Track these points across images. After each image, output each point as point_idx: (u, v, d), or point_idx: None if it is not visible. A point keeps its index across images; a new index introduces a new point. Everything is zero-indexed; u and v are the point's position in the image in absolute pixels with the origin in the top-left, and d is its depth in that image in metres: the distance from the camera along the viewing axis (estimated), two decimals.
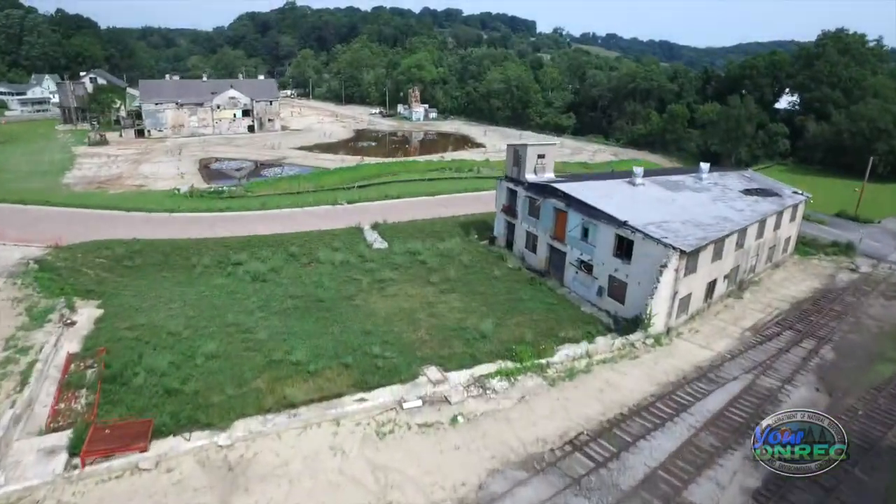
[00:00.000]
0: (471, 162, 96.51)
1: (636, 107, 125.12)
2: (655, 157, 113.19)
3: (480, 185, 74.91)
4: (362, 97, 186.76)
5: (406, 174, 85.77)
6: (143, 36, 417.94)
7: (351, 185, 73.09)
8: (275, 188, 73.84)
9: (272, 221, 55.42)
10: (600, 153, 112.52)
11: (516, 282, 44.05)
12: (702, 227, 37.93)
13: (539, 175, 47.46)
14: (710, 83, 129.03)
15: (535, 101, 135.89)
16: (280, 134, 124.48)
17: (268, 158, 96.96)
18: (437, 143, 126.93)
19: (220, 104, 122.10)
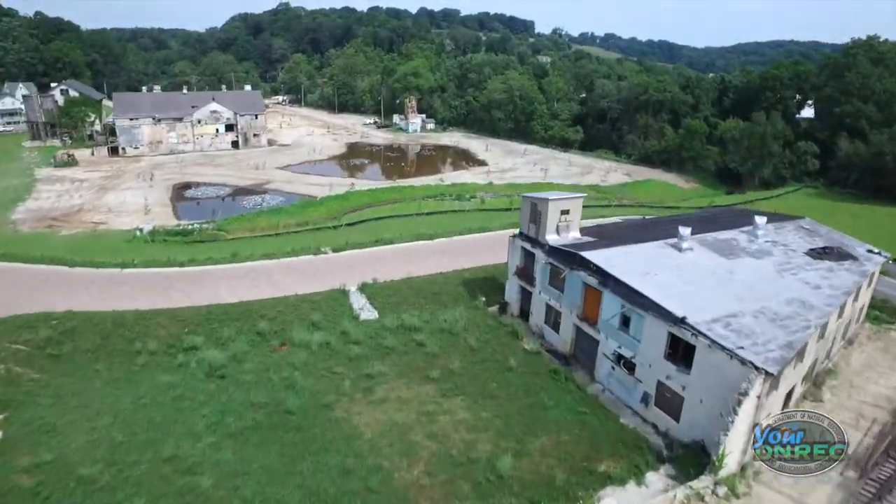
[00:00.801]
0: (472, 186, 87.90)
1: (648, 120, 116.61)
2: (671, 177, 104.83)
3: (485, 221, 66.39)
4: (356, 105, 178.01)
5: (401, 203, 77.23)
6: (134, 37, 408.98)
7: (338, 222, 64.35)
8: (252, 226, 65.22)
9: (241, 281, 46.66)
10: (612, 173, 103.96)
11: (535, 374, 35.45)
12: (780, 323, 29.36)
13: (563, 235, 38.85)
14: (726, 94, 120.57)
15: (540, 113, 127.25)
16: (266, 151, 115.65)
17: (250, 183, 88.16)
18: (435, 159, 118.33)
19: (202, 119, 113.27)
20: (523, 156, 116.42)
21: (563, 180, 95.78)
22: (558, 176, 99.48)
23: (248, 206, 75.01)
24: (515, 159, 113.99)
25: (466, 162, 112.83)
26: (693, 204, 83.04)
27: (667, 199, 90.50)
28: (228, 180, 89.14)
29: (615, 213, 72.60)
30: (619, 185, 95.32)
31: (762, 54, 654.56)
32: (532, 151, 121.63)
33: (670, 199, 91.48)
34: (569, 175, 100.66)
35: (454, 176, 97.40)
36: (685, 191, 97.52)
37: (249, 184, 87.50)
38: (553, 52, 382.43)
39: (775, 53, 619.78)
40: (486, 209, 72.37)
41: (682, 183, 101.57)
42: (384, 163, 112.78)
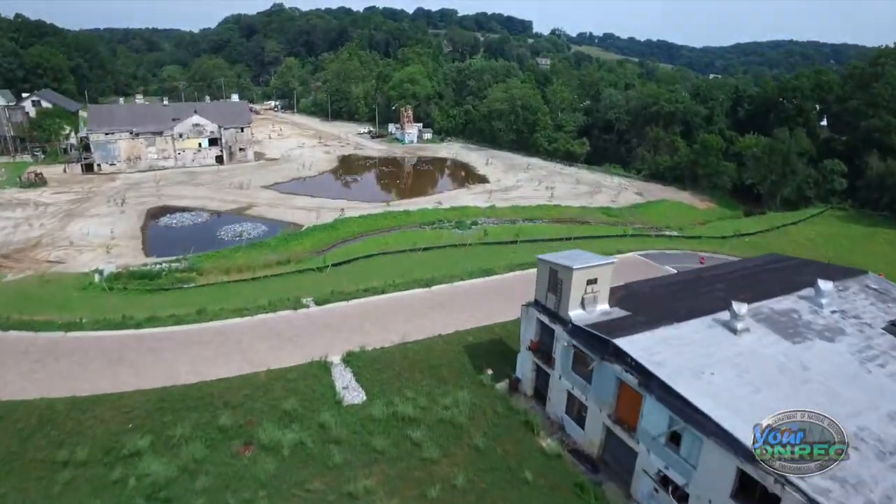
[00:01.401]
0: (473, 210, 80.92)
1: (659, 132, 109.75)
2: (685, 195, 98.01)
3: (488, 258, 59.48)
4: (350, 112, 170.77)
5: (395, 232, 70.30)
6: (125, 39, 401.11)
7: (324, 261, 57.23)
8: (228, 264, 58.26)
9: (205, 349, 39.63)
10: (623, 192, 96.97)
11: (556, 489, 28.61)
12: (887, 460, 22.45)
13: (589, 309, 31.91)
14: (740, 104, 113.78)
15: (544, 124, 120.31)
16: (252, 166, 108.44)
17: (231, 207, 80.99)
18: (433, 175, 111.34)
19: (183, 133, 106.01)
20: (526, 171, 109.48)
21: (572, 201, 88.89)
22: (566, 195, 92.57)
23: (227, 238, 67.82)
24: (518, 175, 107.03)
25: (466, 178, 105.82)
26: (715, 231, 76.24)
27: (684, 222, 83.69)
28: (208, 204, 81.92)
29: (633, 246, 65.77)
30: (630, 206, 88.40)
31: (762, 54, 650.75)
32: (535, 166, 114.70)
33: (687, 221, 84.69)
34: (577, 194, 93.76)
35: (453, 196, 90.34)
36: (701, 211, 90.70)
37: (231, 208, 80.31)
38: (553, 53, 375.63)
39: (775, 54, 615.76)
40: (488, 242, 65.33)
41: (697, 202, 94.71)
42: (378, 179, 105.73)
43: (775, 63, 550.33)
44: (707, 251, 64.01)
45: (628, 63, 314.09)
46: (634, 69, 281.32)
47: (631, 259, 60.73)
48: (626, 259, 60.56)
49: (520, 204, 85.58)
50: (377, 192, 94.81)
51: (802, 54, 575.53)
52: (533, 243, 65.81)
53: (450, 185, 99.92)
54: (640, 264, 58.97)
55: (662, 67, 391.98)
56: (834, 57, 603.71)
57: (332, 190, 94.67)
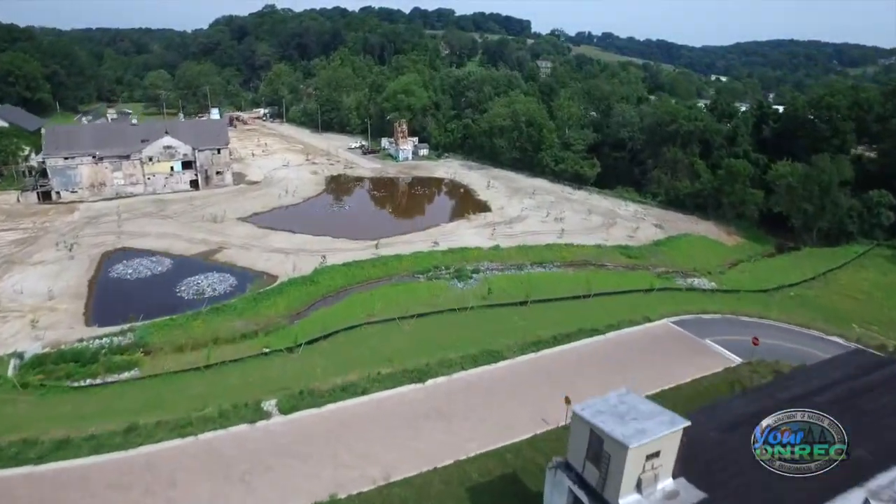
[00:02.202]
0: (475, 253, 71.02)
1: (677, 153, 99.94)
2: (709, 227, 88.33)
3: (493, 328, 49.84)
4: (342, 124, 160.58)
5: (384, 285, 60.44)
6: (113, 41, 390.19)
7: (295, 341, 47.24)
8: (183, 337, 48.59)
9: (123, 499, 29.81)
10: (641, 223, 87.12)
11: None
12: None
13: (647, 492, 22.15)
14: (765, 122, 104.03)
15: (550, 143, 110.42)
16: (230, 192, 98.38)
17: (199, 250, 70.94)
18: (429, 201, 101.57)
19: (153, 156, 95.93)
20: (532, 196, 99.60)
21: (585, 237, 79.15)
22: (577, 229, 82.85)
23: (187, 297, 57.86)
24: (523, 201, 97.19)
25: (466, 205, 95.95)
26: (752, 279, 66.62)
27: (713, 263, 73.99)
28: (173, 245, 71.84)
29: (662, 304, 56.06)
30: (651, 243, 78.58)
31: (763, 55, 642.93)
32: (542, 190, 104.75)
33: (716, 261, 74.98)
34: (590, 228, 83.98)
35: (452, 231, 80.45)
36: (730, 248, 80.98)
37: (198, 251, 70.27)
38: (553, 55, 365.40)
39: (777, 54, 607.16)
40: (493, 304, 55.43)
41: (723, 236, 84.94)
42: (368, 208, 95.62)
43: (778, 64, 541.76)
44: (752, 315, 54.27)
45: (632, 66, 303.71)
46: (638, 73, 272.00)
47: (663, 330, 51.08)
48: (657, 330, 51.03)
49: (527, 242, 75.73)
50: (366, 224, 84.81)
51: (806, 55, 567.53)
52: (545, 304, 56.03)
53: (448, 215, 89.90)
54: (676, 339, 49.29)
55: (665, 69, 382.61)
56: (837, 57, 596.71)
57: (316, 223, 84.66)
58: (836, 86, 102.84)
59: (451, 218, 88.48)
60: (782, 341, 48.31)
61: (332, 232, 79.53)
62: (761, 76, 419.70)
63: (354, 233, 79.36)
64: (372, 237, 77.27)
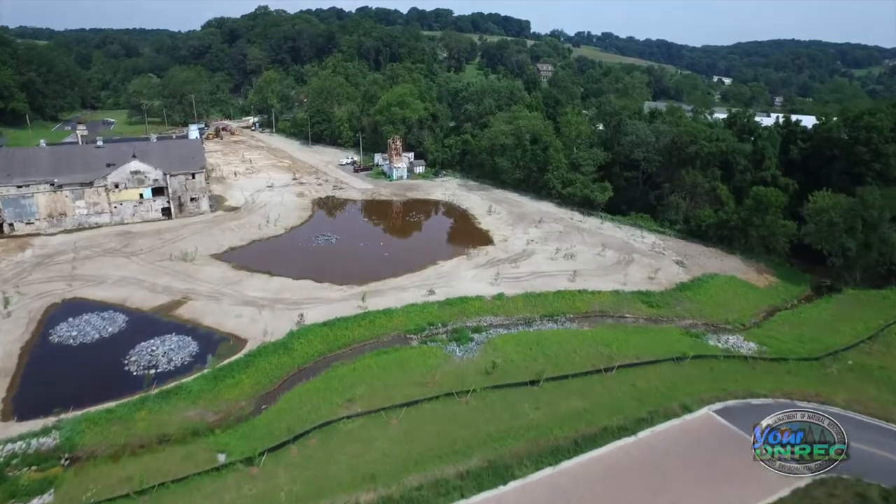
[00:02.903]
0: (476, 305, 62.00)
1: (697, 177, 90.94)
2: (736, 264, 79.33)
3: (499, 416, 40.89)
4: (333, 136, 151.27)
5: (369, 355, 51.31)
6: (103, 44, 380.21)
7: (255, 452, 38.03)
8: (120, 436, 39.77)
9: None
10: (662, 260, 78.00)
11: None
12: None
13: None
14: (793, 141, 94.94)
15: (557, 163, 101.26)
16: (206, 221, 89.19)
17: (160, 302, 61.71)
18: (424, 231, 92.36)
19: (120, 182, 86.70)
20: (538, 225, 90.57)
21: (600, 280, 70.18)
22: (591, 267, 73.91)
23: (135, 371, 48.73)
24: (529, 230, 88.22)
25: (465, 237, 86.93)
26: (795, 335, 57.55)
27: (746, 312, 65.21)
28: (131, 296, 62.59)
29: (698, 381, 47.06)
30: (675, 288, 69.54)
31: (765, 55, 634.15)
32: (548, 216, 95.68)
33: (749, 309, 66.14)
34: (605, 266, 74.97)
35: (449, 273, 71.38)
36: (763, 291, 71.97)
37: (158, 304, 61.05)
38: (553, 57, 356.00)
39: (780, 55, 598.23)
40: (499, 385, 46.27)
41: (753, 275, 75.85)
42: (357, 238, 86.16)
43: (781, 65, 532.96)
44: (811, 398, 45.22)
45: (636, 70, 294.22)
46: (643, 78, 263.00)
47: (706, 425, 42.05)
48: (698, 426, 42.09)
49: (535, 288, 66.68)
50: (354, 262, 75.75)
51: (809, 56, 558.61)
52: (561, 382, 46.99)
53: (446, 251, 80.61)
54: (724, 440, 40.15)
55: (668, 70, 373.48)
56: (840, 58, 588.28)
57: (298, 261, 75.64)
58: (880, 105, 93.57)
59: (450, 254, 79.26)
60: (859, 441, 39.19)
61: (314, 273, 70.50)
62: (766, 78, 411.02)
63: (340, 274, 70.40)
64: (359, 280, 68.45)
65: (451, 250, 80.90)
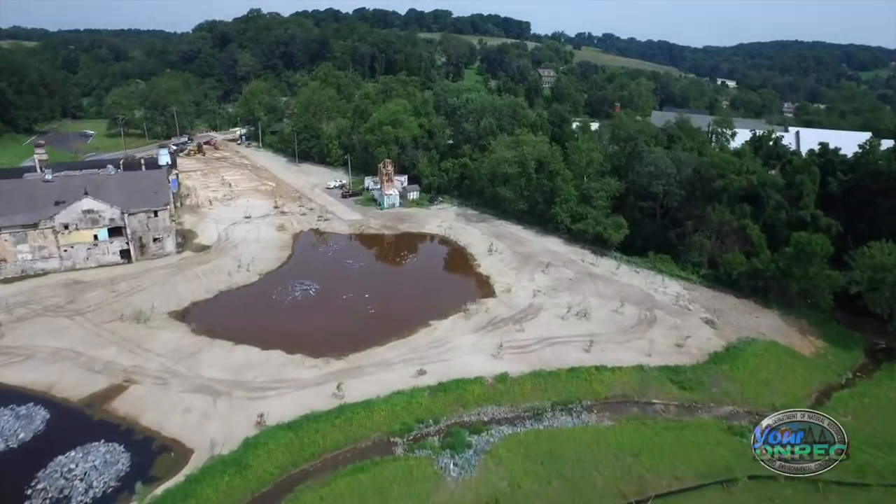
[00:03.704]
0: (475, 390, 51.81)
1: (725, 214, 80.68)
2: (772, 319, 69.18)
3: None
4: (321, 154, 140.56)
5: (343, 480, 40.94)
6: (91, 47, 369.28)
7: None
8: None
9: None
10: (689, 320, 67.61)
11: None
12: None
13: None
14: (831, 172, 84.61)
15: (566, 195, 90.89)
16: (170, 266, 78.81)
17: (95, 389, 51.38)
18: (415, 277, 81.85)
19: (70, 223, 76.28)
20: (546, 270, 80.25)
21: (621, 346, 60.15)
22: (608, 331, 63.78)
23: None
24: (535, 277, 78.00)
25: (462, 286, 76.79)
26: (871, 437, 47.08)
27: (793, 392, 55.13)
28: (60, 380, 52.17)
29: None
30: (708, 359, 59.29)
31: (768, 57, 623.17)
32: (557, 256, 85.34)
33: (797, 389, 56.05)
34: (624, 328, 64.77)
35: (444, 340, 61.17)
36: (810, 361, 61.68)
37: (91, 392, 50.71)
38: (555, 61, 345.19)
39: (784, 56, 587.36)
40: None
41: (796, 339, 65.47)
42: (338, 288, 75.29)
43: (787, 68, 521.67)
44: None
45: (641, 75, 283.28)
46: (648, 85, 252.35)
47: None
48: None
49: (545, 361, 56.57)
50: (333, 324, 65.40)
51: (814, 58, 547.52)
52: None
53: (439, 306, 69.57)
54: None
55: (672, 74, 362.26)
56: (846, 60, 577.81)
57: (268, 322, 65.32)
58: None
59: (445, 310, 68.68)
60: None
61: (286, 340, 60.31)
62: (773, 83, 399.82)
63: (316, 341, 60.38)
64: (338, 350, 58.35)
65: (446, 304, 70.33)
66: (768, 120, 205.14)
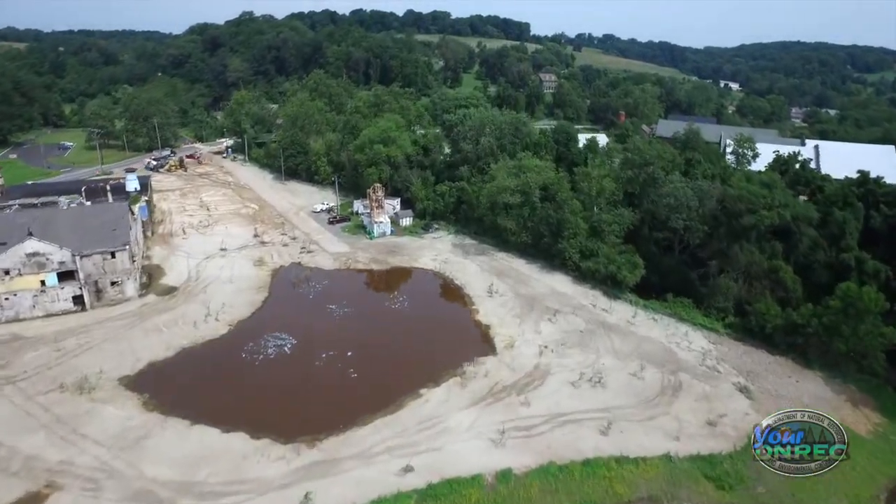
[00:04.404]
0: (473, 500, 42.53)
1: (755, 255, 71.56)
2: (816, 385, 59.92)
3: None
4: (309, 171, 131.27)
5: None
6: (81, 50, 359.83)
7: None
8: None
9: None
10: (720, 386, 58.44)
11: None
12: None
13: None
14: (873, 205, 75.52)
15: (574, 229, 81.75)
16: (128, 316, 69.73)
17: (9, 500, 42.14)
18: (405, 325, 72.44)
19: (11, 268, 67.06)
20: (553, 319, 71.18)
21: (643, 426, 51.21)
22: (627, 402, 54.84)
23: None
24: (540, 328, 68.98)
25: (457, 339, 67.74)
26: None
27: (862, 498, 45.54)
28: None
29: None
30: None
31: (771, 58, 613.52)
32: (565, 301, 76.20)
33: (866, 490, 46.39)
34: (645, 397, 55.74)
35: (435, 418, 52.20)
36: (870, 443, 52.38)
37: None
38: (556, 65, 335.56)
39: (787, 58, 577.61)
40: None
41: (847, 412, 56.13)
42: (317, 341, 66.03)
43: (791, 70, 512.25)
44: None
45: (644, 80, 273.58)
46: (654, 92, 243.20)
47: None
48: None
49: (555, 454, 47.53)
50: (308, 392, 56.43)
51: (819, 60, 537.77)
52: None
53: (431, 367, 60.44)
54: None
55: (676, 77, 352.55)
56: (850, 62, 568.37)
57: (234, 390, 56.31)
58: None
59: (437, 372, 59.67)
60: None
61: (252, 416, 51.65)
62: (778, 86, 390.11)
63: (286, 419, 51.52)
64: (311, 433, 49.26)
65: (439, 363, 61.23)
66: (780, 129, 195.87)
